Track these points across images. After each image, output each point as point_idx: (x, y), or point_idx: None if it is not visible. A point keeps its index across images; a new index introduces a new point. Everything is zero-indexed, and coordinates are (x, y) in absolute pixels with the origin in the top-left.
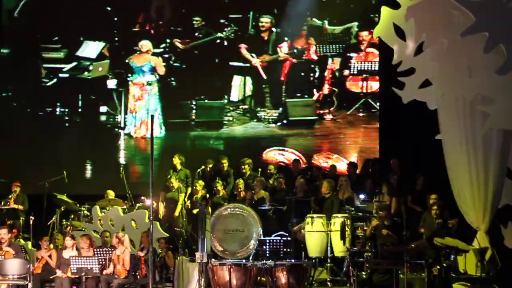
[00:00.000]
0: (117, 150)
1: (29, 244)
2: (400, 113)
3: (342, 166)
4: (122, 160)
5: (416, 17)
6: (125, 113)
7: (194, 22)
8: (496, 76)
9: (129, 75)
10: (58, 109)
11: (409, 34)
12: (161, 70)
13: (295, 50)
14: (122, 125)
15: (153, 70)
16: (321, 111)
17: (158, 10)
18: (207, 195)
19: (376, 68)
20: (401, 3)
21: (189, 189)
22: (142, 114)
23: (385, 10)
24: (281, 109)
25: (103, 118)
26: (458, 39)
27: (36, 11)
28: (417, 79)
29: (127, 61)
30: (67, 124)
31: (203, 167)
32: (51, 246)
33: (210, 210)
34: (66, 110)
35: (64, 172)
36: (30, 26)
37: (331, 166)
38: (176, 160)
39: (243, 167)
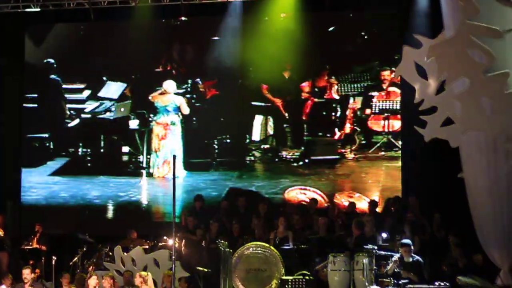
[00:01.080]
0: (140, 190)
1: (52, 285)
2: (423, 152)
3: (363, 205)
4: (144, 200)
5: (437, 56)
6: (148, 153)
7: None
8: None
9: (152, 115)
10: (80, 149)
11: (431, 73)
12: (185, 110)
13: (316, 89)
14: (145, 165)
15: (177, 109)
16: (343, 150)
17: (180, 50)
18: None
19: (398, 107)
20: (422, 42)
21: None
22: (165, 153)
23: (406, 49)
24: (302, 148)
25: (125, 158)
26: (480, 77)
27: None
28: (439, 117)
29: (150, 97)
30: (89, 165)
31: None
32: (73, 286)
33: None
34: (89, 150)
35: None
36: (53, 67)
37: (350, 204)
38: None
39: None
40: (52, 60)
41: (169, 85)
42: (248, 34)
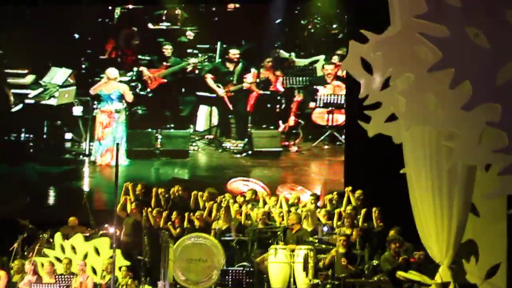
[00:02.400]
0: (81, 177)
1: None
2: (366, 146)
3: (305, 197)
4: (86, 187)
5: (383, 52)
6: (91, 141)
7: (164, 50)
8: (461, 111)
9: (96, 102)
10: (23, 135)
11: (376, 68)
12: (129, 98)
13: (260, 82)
14: (87, 152)
15: (121, 97)
16: (287, 143)
17: (126, 38)
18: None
19: (342, 102)
20: (369, 37)
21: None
22: (108, 141)
23: (352, 44)
24: (246, 139)
25: (68, 145)
26: (425, 74)
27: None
28: (383, 113)
29: (91, 91)
30: (31, 150)
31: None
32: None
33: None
34: (31, 136)
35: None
36: None
37: (295, 197)
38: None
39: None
40: None
41: (111, 72)
42: (192, 23)
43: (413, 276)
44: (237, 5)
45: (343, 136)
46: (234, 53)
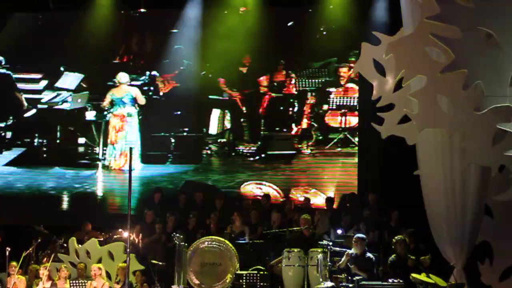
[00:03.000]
0: (95, 182)
1: (5, 276)
2: (379, 148)
3: (319, 200)
4: (99, 192)
5: (396, 53)
6: (105, 145)
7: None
8: (474, 113)
9: (108, 107)
10: (36, 140)
11: (389, 70)
12: (142, 101)
13: (274, 83)
14: (101, 156)
15: (133, 101)
16: (299, 146)
17: (139, 42)
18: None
19: (355, 104)
20: (381, 39)
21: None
22: (121, 145)
23: (365, 46)
24: (259, 143)
25: (81, 149)
26: (438, 75)
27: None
28: (396, 114)
29: (102, 105)
30: (45, 155)
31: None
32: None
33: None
34: (45, 141)
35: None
36: (9, 56)
37: (305, 200)
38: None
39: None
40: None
41: (122, 76)
42: (207, 27)
43: (427, 278)
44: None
45: (357, 138)
46: (247, 56)
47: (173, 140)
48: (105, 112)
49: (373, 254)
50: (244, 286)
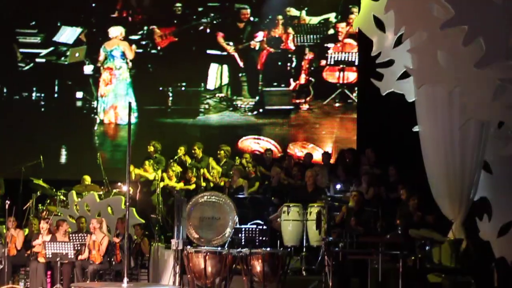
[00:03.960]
0: (93, 135)
1: (4, 228)
2: (378, 104)
3: (317, 155)
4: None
5: (396, 9)
6: (96, 98)
7: (175, 8)
8: (474, 69)
9: (101, 59)
10: (34, 94)
11: (389, 26)
12: (130, 55)
13: (270, 40)
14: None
15: (123, 55)
16: (298, 101)
17: None
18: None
19: (353, 59)
20: None
21: (165, 176)
22: (110, 99)
23: (365, 2)
24: (257, 98)
25: (79, 103)
26: (438, 31)
27: None
28: (395, 70)
29: (101, 50)
30: (43, 109)
31: (178, 153)
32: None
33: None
34: (42, 95)
35: (41, 157)
36: (6, 10)
37: (306, 155)
38: (151, 148)
39: (219, 152)
40: None
41: (113, 30)
42: None
43: (426, 233)
44: None
45: (355, 94)
46: (244, 11)
47: (171, 95)
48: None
49: (371, 209)
50: (243, 240)
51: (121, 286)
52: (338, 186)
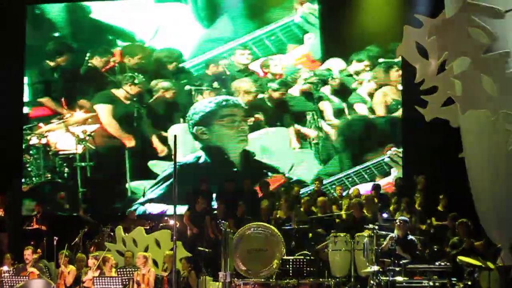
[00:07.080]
0: None
1: (53, 264)
2: (424, 132)
3: (366, 187)
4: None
5: (438, 35)
6: None
7: None
8: None
9: None
10: None
11: (432, 53)
12: None
13: None
14: None
15: None
16: None
17: None
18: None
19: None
20: (423, 21)
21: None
22: None
23: (407, 29)
24: None
25: None
26: (481, 57)
27: None
28: (440, 97)
29: None
30: None
31: None
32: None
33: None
34: None
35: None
36: None
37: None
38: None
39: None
40: None
41: None
42: None
43: (474, 261)
44: None
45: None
46: None
47: None
48: None
49: (416, 237)
50: (290, 271)
51: None
52: (385, 215)
